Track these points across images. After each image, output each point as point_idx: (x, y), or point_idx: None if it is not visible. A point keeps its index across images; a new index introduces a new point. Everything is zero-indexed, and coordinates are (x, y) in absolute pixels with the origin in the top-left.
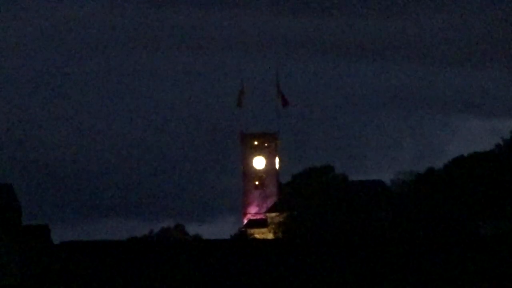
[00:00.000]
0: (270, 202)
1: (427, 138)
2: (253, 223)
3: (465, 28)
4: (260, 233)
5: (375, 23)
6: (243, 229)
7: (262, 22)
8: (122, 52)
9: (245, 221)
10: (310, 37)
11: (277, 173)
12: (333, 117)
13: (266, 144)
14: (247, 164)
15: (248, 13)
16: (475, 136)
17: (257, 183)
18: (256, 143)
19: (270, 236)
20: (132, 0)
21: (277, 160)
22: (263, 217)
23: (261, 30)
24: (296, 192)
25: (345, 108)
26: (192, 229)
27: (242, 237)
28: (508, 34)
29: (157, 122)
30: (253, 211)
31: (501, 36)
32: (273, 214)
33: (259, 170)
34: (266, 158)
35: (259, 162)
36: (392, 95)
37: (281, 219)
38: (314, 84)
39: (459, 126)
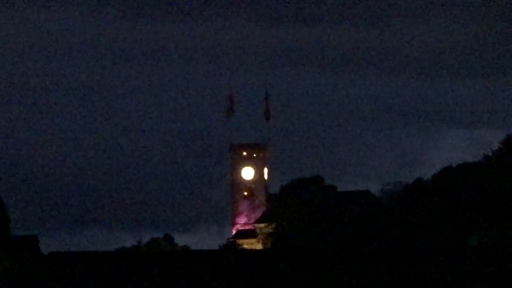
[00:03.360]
0: (259, 213)
1: (407, 148)
2: (242, 234)
3: (443, 39)
4: (249, 244)
5: (359, 34)
6: (232, 240)
7: (250, 34)
8: (110, 63)
9: (234, 232)
10: (298, 48)
11: (266, 183)
12: (320, 127)
13: (255, 155)
14: (236, 175)
15: (236, 24)
16: (454, 146)
17: (246, 193)
18: (245, 153)
19: (259, 246)
20: (120, 11)
21: (266, 170)
22: (252, 228)
23: (249, 41)
24: (285, 203)
25: (332, 119)
26: (181, 239)
27: (231, 248)
28: (484, 45)
29: (146, 134)
30: (242, 222)
31: (478, 47)
32: (262, 225)
33: (248, 181)
34: (255, 168)
35: (248, 173)
36: (373, 106)
37: (270, 230)
38: (302, 95)
39: (437, 137)
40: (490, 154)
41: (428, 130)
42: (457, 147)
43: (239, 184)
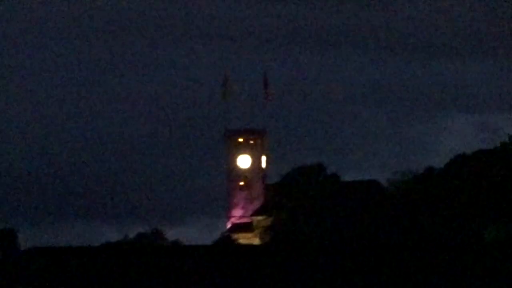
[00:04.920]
0: (256, 205)
1: (414, 135)
2: (238, 227)
3: (452, 18)
4: (246, 238)
5: (363, 13)
6: (227, 234)
7: (248, 12)
8: (97, 42)
9: (229, 225)
10: (298, 28)
11: (263, 173)
12: (321, 112)
13: (252, 142)
14: (231, 163)
15: (233, 2)
16: (464, 132)
17: (242, 183)
18: (241, 140)
19: (256, 241)
20: None
21: (263, 158)
22: (249, 221)
23: (246, 20)
24: (284, 194)
25: (334, 102)
26: (171, 234)
27: (225, 243)
28: (496, 24)
29: (132, 117)
30: (237, 214)
31: (489, 27)
32: (260, 218)
33: (244, 170)
34: (252, 156)
35: (244, 161)
36: (378, 89)
37: (268, 223)
38: (302, 77)
39: (445, 122)
40: (507, 140)
41: (436, 115)
42: (467, 133)
43: (235, 173)
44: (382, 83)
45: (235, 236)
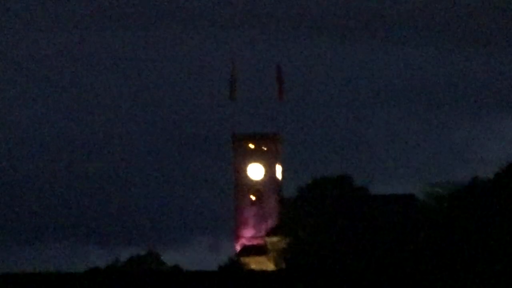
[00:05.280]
0: (270, 223)
1: (456, 140)
2: (249, 250)
3: (494, 7)
4: (258, 262)
5: None
6: (236, 258)
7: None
8: (92, 36)
9: (238, 247)
10: (316, 15)
11: (279, 185)
12: (345, 114)
13: (264, 148)
14: (241, 174)
15: None
16: None
17: (253, 197)
18: (251, 146)
19: (270, 266)
20: None
21: (278, 168)
22: (261, 242)
23: (256, 6)
24: (303, 210)
25: (360, 102)
26: (169, 257)
27: (234, 268)
28: None
29: (123, 122)
30: (248, 235)
31: None
32: (274, 239)
33: (256, 181)
34: (265, 165)
35: (255, 171)
36: (411, 86)
37: (284, 245)
38: (322, 73)
39: (492, 125)
40: None
41: (480, 117)
42: None
43: (244, 185)
44: (416, 79)
45: (245, 260)
